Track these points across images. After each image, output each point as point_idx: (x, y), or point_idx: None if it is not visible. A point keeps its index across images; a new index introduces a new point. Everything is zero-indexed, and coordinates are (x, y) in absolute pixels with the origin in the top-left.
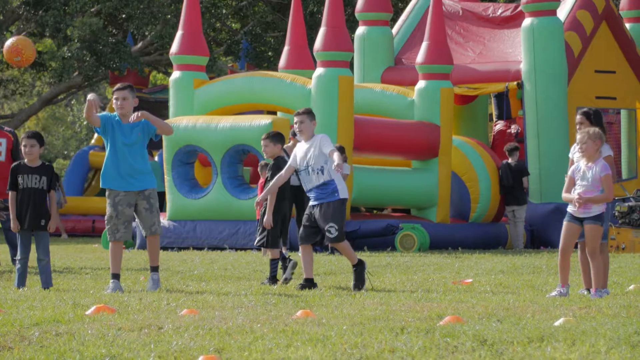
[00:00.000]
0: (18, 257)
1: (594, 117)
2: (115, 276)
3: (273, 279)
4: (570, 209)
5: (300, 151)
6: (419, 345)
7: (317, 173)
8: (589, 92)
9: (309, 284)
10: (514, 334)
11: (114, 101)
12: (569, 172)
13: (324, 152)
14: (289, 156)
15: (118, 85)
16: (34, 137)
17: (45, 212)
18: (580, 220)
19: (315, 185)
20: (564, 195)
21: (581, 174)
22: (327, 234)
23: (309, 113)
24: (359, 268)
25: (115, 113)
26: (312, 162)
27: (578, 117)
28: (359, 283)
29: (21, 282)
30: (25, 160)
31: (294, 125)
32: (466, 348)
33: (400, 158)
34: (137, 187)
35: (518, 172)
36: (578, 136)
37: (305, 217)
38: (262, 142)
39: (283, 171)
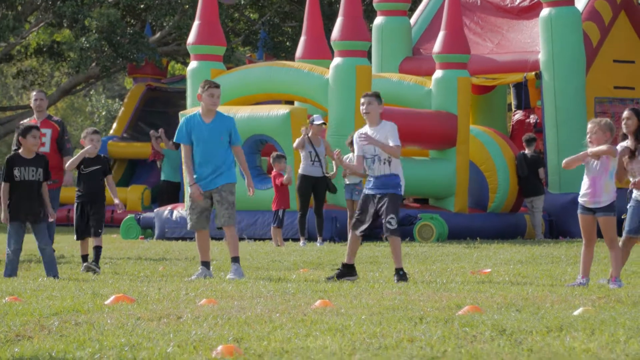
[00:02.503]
0: (11, 247)
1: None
2: (204, 263)
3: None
4: (580, 199)
5: (371, 134)
6: (437, 334)
7: (384, 163)
8: (608, 82)
9: (348, 270)
10: (533, 323)
11: (209, 97)
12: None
13: (388, 142)
14: (313, 146)
15: (214, 83)
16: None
17: (42, 203)
18: (593, 211)
19: (379, 174)
20: (567, 160)
21: (591, 161)
22: (387, 225)
23: (377, 96)
24: (404, 273)
25: (197, 112)
26: (377, 150)
27: (626, 112)
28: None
29: (11, 272)
30: (20, 151)
31: (361, 107)
32: (485, 337)
33: (418, 148)
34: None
35: (533, 163)
36: (589, 125)
37: (362, 203)
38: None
39: (355, 162)
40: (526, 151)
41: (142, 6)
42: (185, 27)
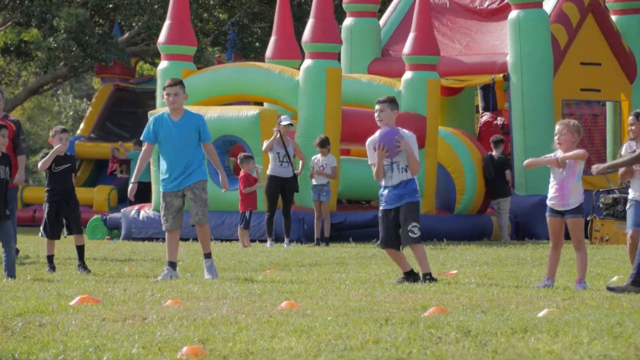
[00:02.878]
0: None
1: None
2: (171, 264)
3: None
4: (548, 202)
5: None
6: (403, 336)
7: (402, 171)
8: (575, 84)
9: (412, 276)
10: (498, 325)
11: (166, 97)
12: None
13: (411, 153)
14: (284, 146)
15: (169, 81)
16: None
17: (5, 200)
18: (562, 214)
19: (396, 182)
20: (528, 160)
21: (559, 165)
22: (409, 233)
23: (390, 102)
24: (431, 279)
25: (166, 111)
26: (397, 157)
27: (630, 118)
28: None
29: None
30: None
31: (375, 114)
32: (450, 339)
33: None
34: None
35: (500, 165)
36: (557, 127)
37: (382, 220)
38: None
39: (375, 173)
40: (493, 153)
41: (110, 6)
42: (154, 27)
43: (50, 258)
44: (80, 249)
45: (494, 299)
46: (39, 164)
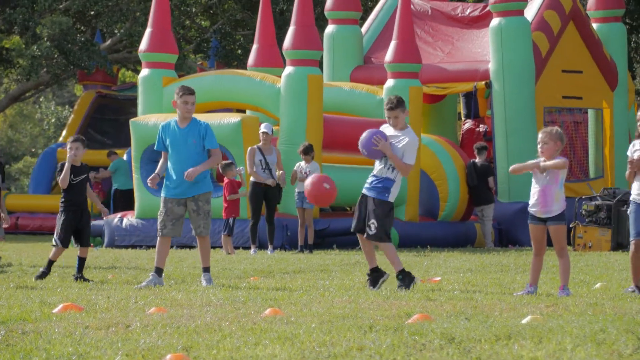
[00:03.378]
0: None
1: None
2: (158, 270)
3: None
4: (530, 209)
5: (390, 134)
6: (387, 343)
7: (388, 168)
8: (556, 92)
9: (377, 273)
10: (482, 331)
11: (183, 105)
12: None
13: (403, 158)
14: (263, 155)
15: (189, 89)
16: None
17: None
18: (544, 221)
19: (376, 174)
20: (513, 166)
21: (540, 171)
22: (367, 229)
23: (401, 105)
24: (404, 277)
25: (174, 119)
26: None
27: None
28: (403, 286)
29: None
30: None
31: (387, 120)
32: (434, 346)
33: None
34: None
35: (483, 172)
36: (539, 135)
37: (358, 204)
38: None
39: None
40: (476, 160)
41: (92, 13)
42: (136, 34)
43: (51, 263)
44: (82, 261)
45: (477, 305)
46: (59, 179)
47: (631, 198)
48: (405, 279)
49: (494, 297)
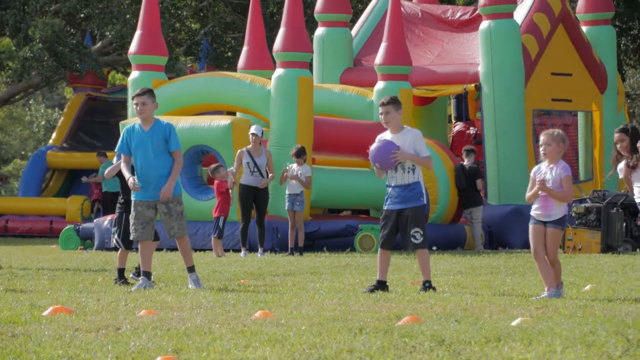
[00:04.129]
0: None
1: (631, 133)
2: (146, 274)
3: None
4: (532, 212)
5: (390, 138)
6: (377, 345)
7: (408, 172)
8: (546, 95)
9: (381, 286)
10: (472, 333)
11: (134, 107)
12: (531, 174)
13: (419, 154)
14: (252, 157)
15: (137, 91)
16: None
17: None
18: (544, 223)
19: (400, 183)
20: (528, 194)
21: (542, 175)
22: (412, 239)
23: (394, 102)
24: (428, 287)
25: (138, 122)
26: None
27: (617, 135)
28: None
29: None
30: None
31: (380, 117)
32: (424, 348)
33: (360, 159)
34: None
35: (471, 174)
36: (542, 137)
37: (384, 220)
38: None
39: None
40: (465, 162)
41: (82, 15)
42: (127, 36)
43: (121, 272)
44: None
45: (467, 308)
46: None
47: (636, 199)
48: (429, 287)
49: (484, 299)
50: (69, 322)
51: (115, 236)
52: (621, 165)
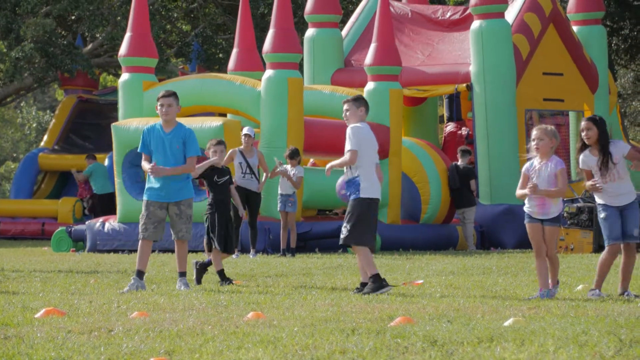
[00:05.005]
0: None
1: (600, 124)
2: (139, 273)
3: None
4: (527, 209)
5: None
6: (369, 346)
7: (348, 167)
8: (537, 94)
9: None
10: (464, 334)
11: (159, 107)
12: (523, 169)
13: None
14: (244, 158)
15: (163, 93)
16: None
17: None
18: (540, 221)
19: (344, 179)
20: (518, 192)
21: (536, 171)
22: (340, 233)
23: (355, 100)
24: (376, 281)
25: (158, 122)
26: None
27: (584, 122)
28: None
29: None
30: None
31: (343, 114)
32: (417, 349)
33: None
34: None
35: (465, 175)
36: (534, 132)
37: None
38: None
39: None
40: (459, 163)
41: (73, 17)
42: (118, 38)
43: (221, 272)
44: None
45: (460, 308)
46: (194, 171)
47: (605, 202)
48: (373, 282)
49: (476, 299)
50: (61, 324)
51: (216, 241)
52: (582, 157)
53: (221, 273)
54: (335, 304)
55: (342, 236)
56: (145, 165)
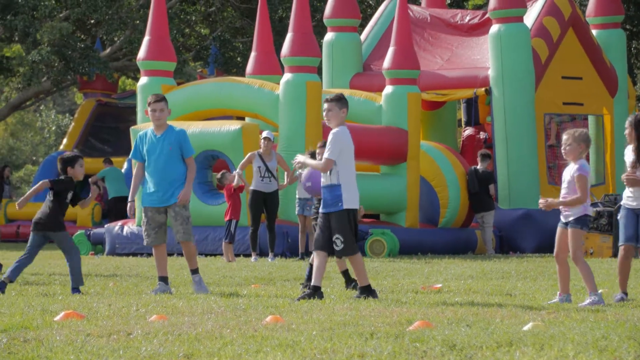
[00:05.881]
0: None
1: (635, 123)
2: (162, 279)
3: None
4: (561, 214)
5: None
6: (388, 350)
7: (329, 172)
8: (557, 98)
9: (315, 291)
10: (483, 338)
11: (152, 112)
12: (563, 176)
13: (325, 156)
14: (263, 161)
15: (154, 97)
16: None
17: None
18: (566, 225)
19: (324, 184)
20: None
21: (563, 176)
22: (334, 245)
23: (338, 100)
24: (365, 292)
25: (150, 127)
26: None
27: (627, 123)
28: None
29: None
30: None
31: (323, 113)
32: (435, 353)
33: (369, 163)
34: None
35: (484, 178)
36: (563, 137)
37: (319, 221)
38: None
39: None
40: (478, 167)
41: (92, 21)
42: (136, 42)
43: (345, 273)
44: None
45: (479, 312)
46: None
47: (622, 203)
48: (366, 291)
49: (495, 303)
50: (80, 327)
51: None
52: (626, 150)
53: (345, 273)
54: (354, 308)
55: (337, 249)
56: (132, 191)
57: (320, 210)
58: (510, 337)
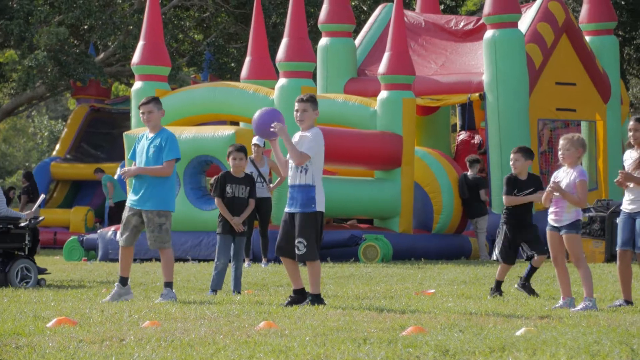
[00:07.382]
0: (221, 260)
1: None
2: (122, 280)
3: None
4: (549, 217)
5: (295, 140)
6: (381, 355)
7: (300, 171)
8: (550, 104)
9: (299, 295)
10: (476, 343)
11: (141, 115)
12: (552, 177)
13: (299, 147)
14: (255, 167)
15: (143, 100)
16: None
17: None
18: (558, 229)
19: (292, 183)
20: (542, 197)
21: (559, 179)
22: (295, 249)
23: (312, 101)
24: (316, 300)
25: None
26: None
27: (632, 123)
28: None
29: (217, 285)
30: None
31: (295, 113)
32: (428, 358)
33: (363, 168)
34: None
35: (474, 185)
36: (561, 142)
37: (282, 224)
38: (512, 155)
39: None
40: (468, 173)
41: (85, 27)
42: (130, 47)
43: (498, 284)
44: (533, 270)
45: (471, 317)
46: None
47: (621, 207)
48: (314, 300)
49: (488, 309)
50: (73, 334)
51: (496, 250)
52: (626, 155)
53: (499, 284)
54: (347, 314)
55: (300, 253)
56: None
57: (288, 209)
58: (503, 342)
